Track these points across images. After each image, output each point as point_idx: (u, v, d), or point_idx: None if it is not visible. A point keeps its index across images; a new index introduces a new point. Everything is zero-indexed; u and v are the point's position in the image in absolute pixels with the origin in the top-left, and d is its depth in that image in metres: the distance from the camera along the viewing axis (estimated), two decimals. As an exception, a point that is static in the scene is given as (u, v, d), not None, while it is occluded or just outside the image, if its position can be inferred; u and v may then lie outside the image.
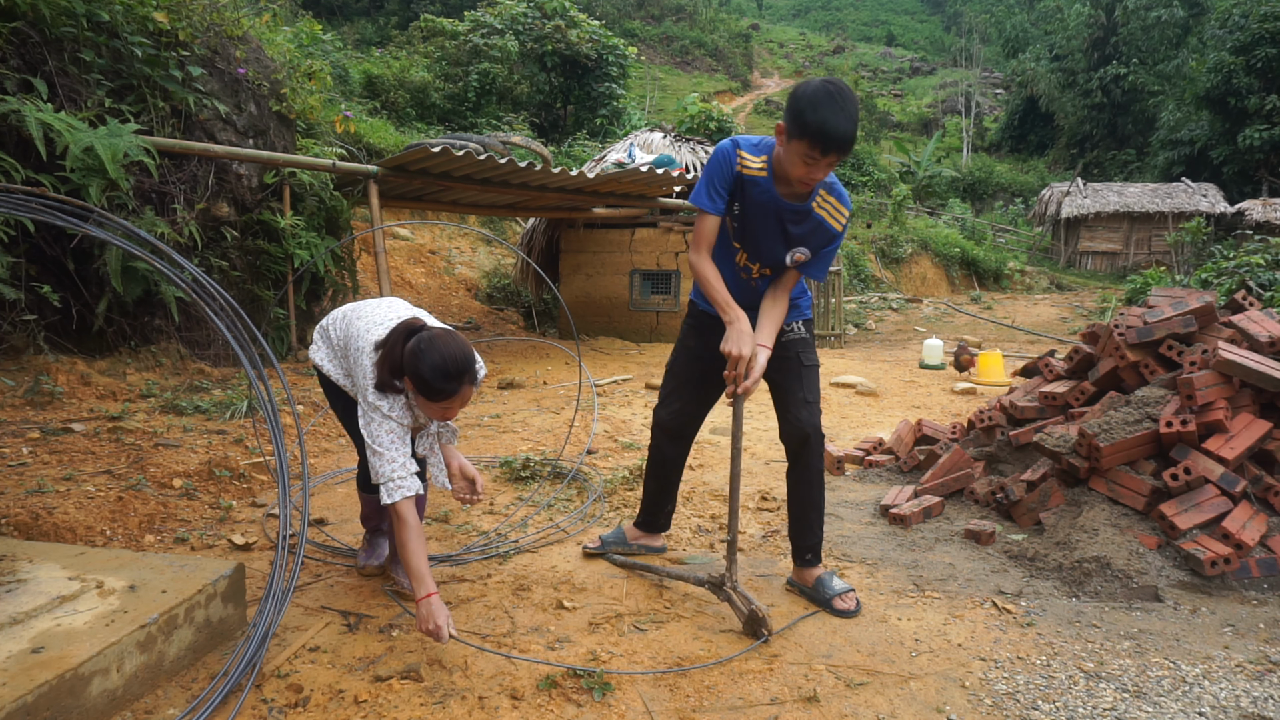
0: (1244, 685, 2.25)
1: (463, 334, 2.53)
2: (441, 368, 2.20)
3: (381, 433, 2.32)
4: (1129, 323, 3.71)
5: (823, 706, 2.13)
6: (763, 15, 72.65)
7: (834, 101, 2.24)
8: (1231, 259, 9.84)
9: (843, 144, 2.26)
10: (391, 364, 2.29)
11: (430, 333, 2.28)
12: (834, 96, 2.25)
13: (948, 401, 6.98)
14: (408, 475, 2.31)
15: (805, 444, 2.68)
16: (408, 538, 2.27)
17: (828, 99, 2.24)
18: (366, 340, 2.40)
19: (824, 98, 2.25)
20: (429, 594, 2.23)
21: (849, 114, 2.25)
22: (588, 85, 19.73)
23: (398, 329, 2.33)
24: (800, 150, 2.30)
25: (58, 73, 5.10)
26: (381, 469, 2.30)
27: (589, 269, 10.97)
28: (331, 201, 7.13)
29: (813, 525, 2.78)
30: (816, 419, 2.69)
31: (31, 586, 2.21)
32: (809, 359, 2.75)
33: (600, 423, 5.72)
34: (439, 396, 2.25)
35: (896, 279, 19.98)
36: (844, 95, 2.26)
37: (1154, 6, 32.37)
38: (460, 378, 2.23)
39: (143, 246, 3.56)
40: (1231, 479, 3.07)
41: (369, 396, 2.33)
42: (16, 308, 4.80)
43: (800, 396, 2.69)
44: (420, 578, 2.25)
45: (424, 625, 2.22)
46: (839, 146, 2.26)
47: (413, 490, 2.30)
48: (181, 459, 3.94)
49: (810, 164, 2.31)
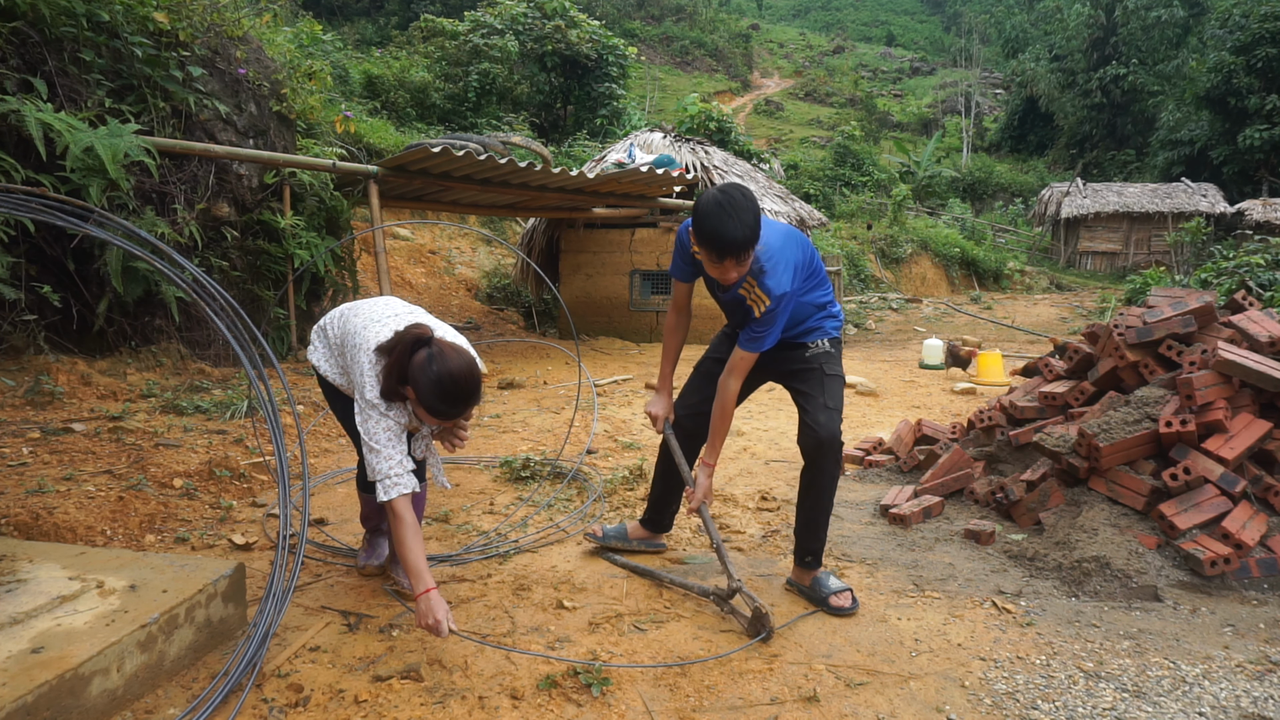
0: (1244, 685, 2.25)
1: (464, 334, 2.54)
2: (450, 392, 2.22)
3: (378, 430, 2.32)
4: (1128, 323, 3.72)
5: (823, 706, 2.14)
6: (763, 15, 72.62)
7: (724, 211, 2.36)
8: (1231, 259, 9.84)
9: (735, 249, 2.38)
10: (399, 373, 2.28)
11: (439, 348, 2.26)
12: (724, 206, 2.37)
13: (948, 401, 6.98)
14: (404, 473, 2.31)
15: (821, 449, 2.70)
16: (405, 535, 2.28)
17: (718, 209, 2.37)
18: (364, 338, 2.39)
19: (715, 208, 2.38)
20: (427, 589, 2.24)
21: (741, 220, 2.36)
22: (588, 85, 19.72)
23: (406, 337, 2.30)
24: (703, 255, 2.49)
25: (58, 73, 5.10)
26: (378, 466, 2.30)
27: (589, 269, 10.97)
28: (331, 201, 7.13)
29: (819, 530, 2.79)
30: (836, 425, 2.71)
31: (32, 586, 2.21)
32: (832, 369, 2.78)
33: (600, 423, 5.72)
34: (444, 418, 2.29)
35: (896, 279, 19.98)
36: (734, 204, 2.37)
37: (1154, 6, 32.36)
38: (466, 402, 2.26)
39: (143, 246, 3.56)
40: (1231, 479, 3.07)
41: (366, 394, 2.33)
42: (17, 308, 4.80)
43: (821, 402, 2.72)
44: (418, 574, 2.26)
45: (423, 620, 2.22)
46: (732, 252, 2.39)
47: (409, 488, 2.31)
48: (182, 459, 3.94)
49: (714, 266, 2.47)
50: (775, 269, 2.54)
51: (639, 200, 9.67)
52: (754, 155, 17.75)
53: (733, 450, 5.01)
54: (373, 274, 9.77)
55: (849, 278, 17.52)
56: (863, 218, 22.40)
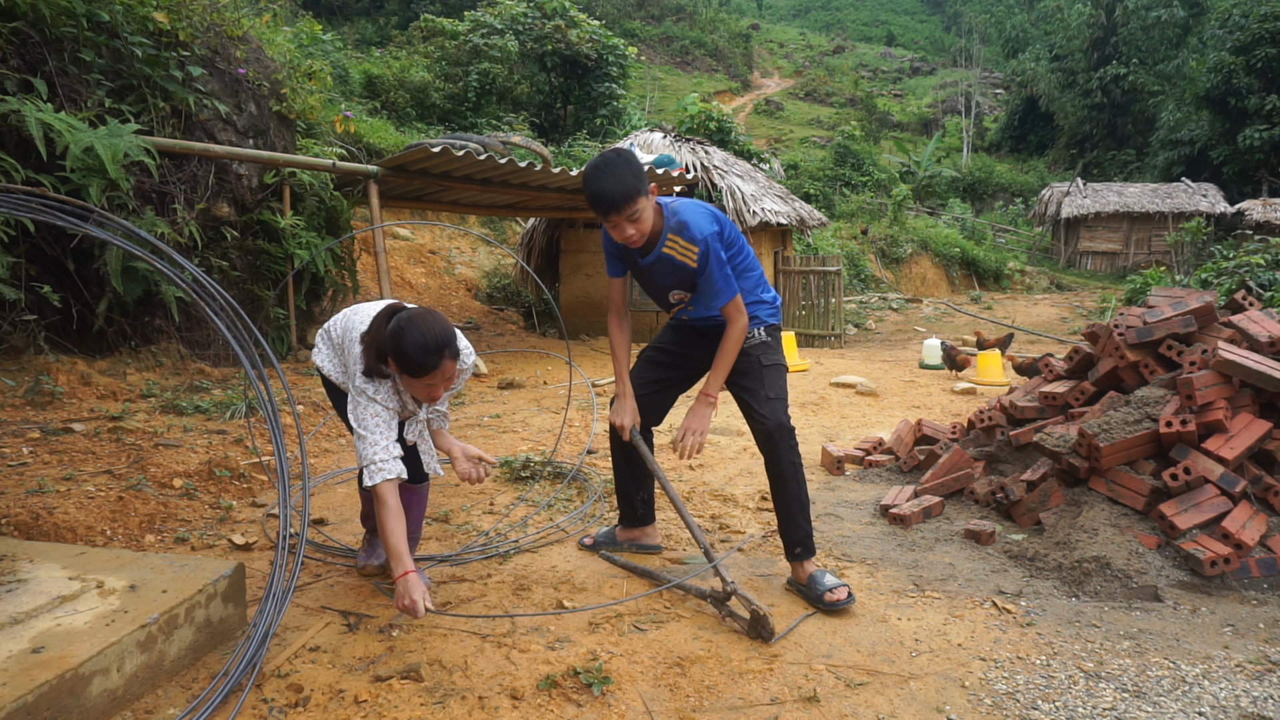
0: (1244, 685, 2.25)
1: (465, 335, 2.55)
2: (421, 343, 2.27)
3: (367, 416, 2.38)
4: (1129, 323, 3.71)
5: (823, 706, 2.14)
6: (763, 15, 72.60)
7: (599, 172, 2.47)
8: (1231, 259, 9.84)
9: (611, 203, 2.46)
10: (378, 348, 2.36)
11: (409, 312, 2.35)
12: (599, 168, 2.48)
13: (948, 401, 6.98)
14: (390, 459, 2.36)
15: (772, 439, 2.72)
16: (387, 518, 2.33)
17: (595, 170, 2.49)
18: (359, 331, 2.47)
19: (593, 170, 2.49)
20: (406, 572, 2.29)
21: (616, 174, 2.45)
22: (588, 85, 19.71)
23: (379, 314, 2.40)
24: (604, 224, 2.56)
25: (58, 73, 5.10)
26: (365, 451, 2.36)
27: (589, 269, 10.97)
28: (331, 201, 7.13)
29: (795, 518, 2.78)
30: (782, 413, 2.74)
31: (32, 586, 2.21)
32: (769, 359, 2.80)
33: (600, 423, 5.72)
34: (421, 372, 2.31)
35: (896, 279, 19.98)
36: (608, 163, 2.48)
37: (1154, 6, 32.34)
38: (440, 351, 2.30)
39: (143, 246, 3.55)
40: (1231, 479, 3.07)
41: (357, 381, 2.40)
42: (17, 308, 4.80)
43: (763, 394, 2.75)
44: (398, 556, 2.31)
45: (400, 601, 2.27)
46: (616, 206, 2.47)
47: (394, 474, 2.35)
48: (182, 459, 3.94)
49: (609, 226, 2.55)
50: (693, 220, 2.62)
51: (639, 200, 9.65)
52: (754, 155, 17.73)
53: (733, 450, 5.01)
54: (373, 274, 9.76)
55: (849, 277, 17.52)
56: (862, 218, 22.38)
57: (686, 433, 2.77)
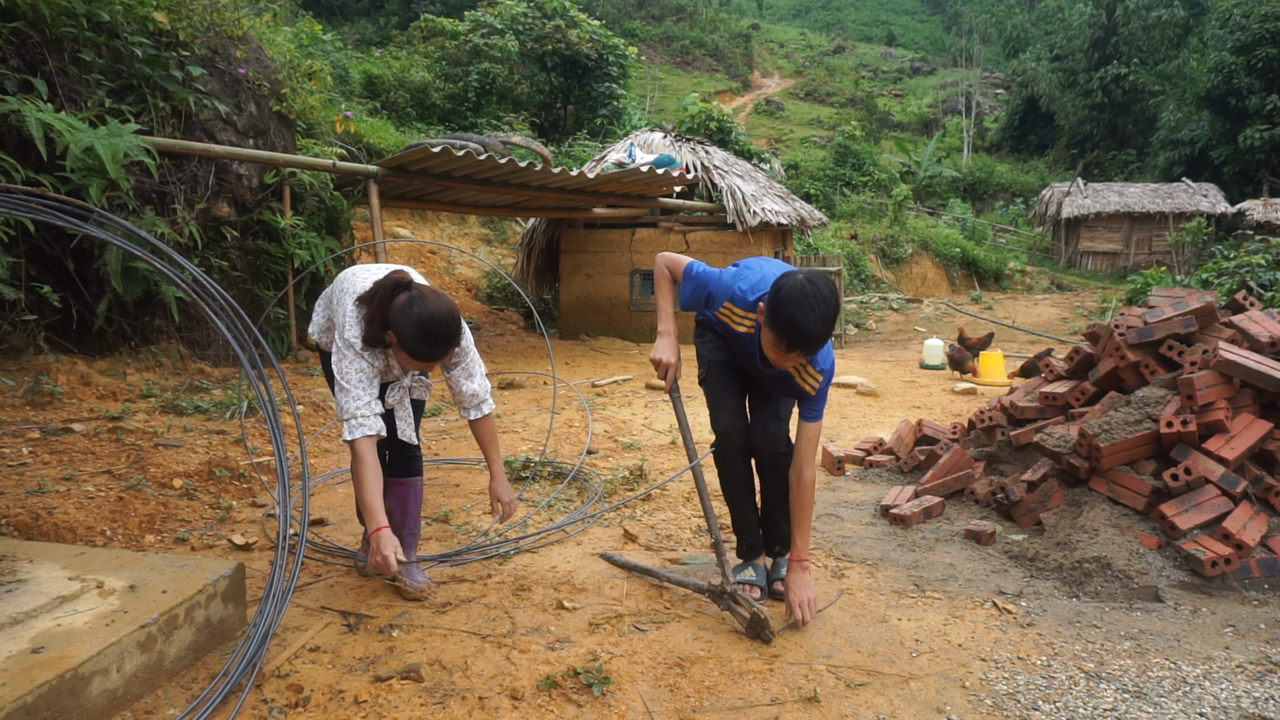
0: (1244, 686, 2.25)
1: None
2: (431, 333, 2.28)
3: (351, 370, 2.39)
4: (1129, 323, 3.71)
5: (823, 707, 2.13)
6: (763, 15, 72.58)
7: (807, 301, 2.24)
8: (1232, 259, 9.83)
9: (808, 343, 2.28)
10: (382, 319, 2.35)
11: (419, 291, 2.34)
12: (809, 297, 2.24)
13: (948, 401, 6.98)
14: (371, 415, 2.37)
15: (775, 459, 2.78)
16: (364, 475, 2.34)
17: (802, 298, 2.24)
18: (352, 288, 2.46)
19: (799, 297, 2.25)
20: (379, 528, 2.31)
21: (820, 315, 2.24)
22: (588, 85, 19.70)
23: (385, 283, 2.39)
24: (770, 339, 2.35)
25: (58, 73, 5.10)
26: (345, 405, 2.36)
27: (589, 269, 10.96)
28: (331, 201, 7.13)
29: (779, 525, 2.89)
30: (784, 434, 2.81)
31: (32, 586, 2.21)
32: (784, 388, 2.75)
33: (601, 423, 5.72)
34: (424, 359, 2.33)
35: (897, 279, 19.97)
36: (819, 296, 2.25)
37: (1155, 6, 32.34)
38: (446, 344, 2.32)
39: (143, 246, 3.55)
40: (1232, 479, 3.07)
41: (345, 334, 2.39)
42: (16, 308, 4.80)
43: (775, 411, 2.80)
44: (372, 512, 2.34)
45: (373, 556, 2.30)
46: (804, 345, 2.28)
47: (374, 430, 2.36)
48: (182, 459, 3.94)
49: (779, 353, 2.36)
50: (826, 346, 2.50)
51: (639, 200, 9.66)
52: (754, 155, 17.73)
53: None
54: (373, 274, 9.75)
55: (849, 277, 17.52)
56: (862, 218, 22.37)
57: (799, 605, 2.58)
